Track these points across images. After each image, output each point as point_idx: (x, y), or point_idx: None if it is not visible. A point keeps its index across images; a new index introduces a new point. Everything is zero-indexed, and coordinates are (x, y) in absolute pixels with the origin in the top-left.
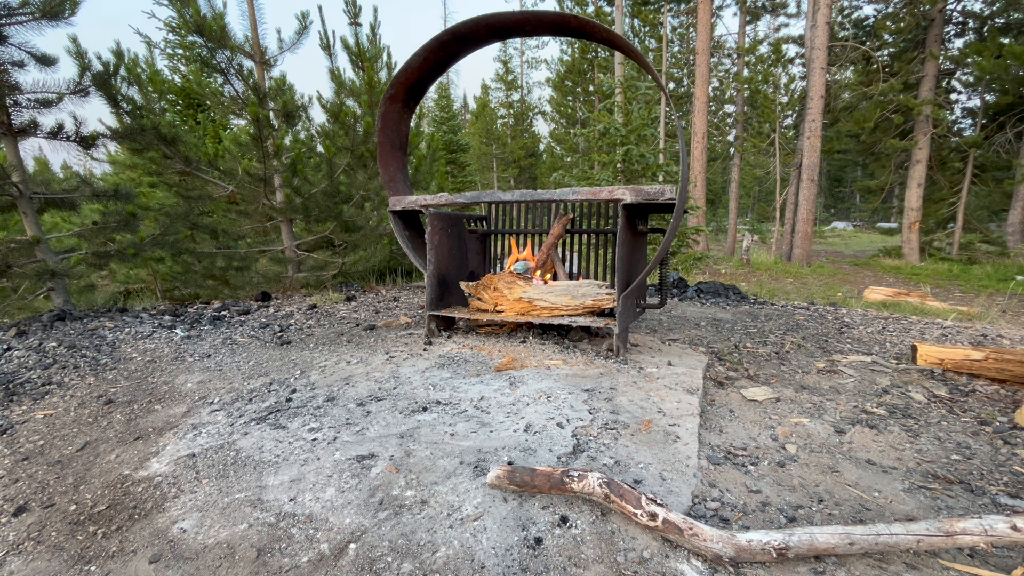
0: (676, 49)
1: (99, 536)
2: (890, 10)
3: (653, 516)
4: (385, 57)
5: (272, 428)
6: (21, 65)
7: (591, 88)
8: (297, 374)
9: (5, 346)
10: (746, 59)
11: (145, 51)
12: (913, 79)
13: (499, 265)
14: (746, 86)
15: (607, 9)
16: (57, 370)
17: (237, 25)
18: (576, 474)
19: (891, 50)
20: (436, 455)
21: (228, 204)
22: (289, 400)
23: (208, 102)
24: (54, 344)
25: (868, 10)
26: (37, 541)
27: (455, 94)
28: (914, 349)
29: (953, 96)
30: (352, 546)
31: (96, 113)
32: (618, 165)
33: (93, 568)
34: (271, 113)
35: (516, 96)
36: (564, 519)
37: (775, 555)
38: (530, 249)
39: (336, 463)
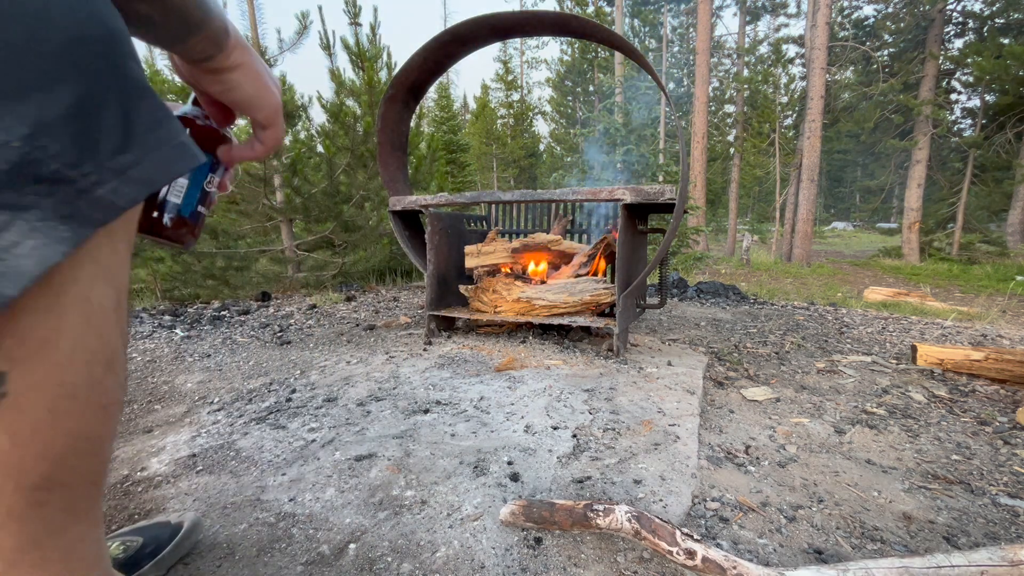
0: (676, 49)
1: None
2: (890, 10)
3: (691, 554)
4: (385, 57)
5: (272, 428)
6: None
7: (591, 88)
8: (297, 374)
9: None
10: (746, 59)
11: (145, 51)
12: (913, 79)
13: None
14: (746, 86)
15: (607, 9)
16: None
17: (237, 25)
18: (601, 508)
19: (891, 50)
20: (436, 455)
21: (228, 204)
22: (289, 400)
23: None
24: None
25: (868, 10)
26: None
27: (455, 94)
28: (914, 349)
29: (953, 96)
30: (352, 546)
31: None
32: (618, 165)
33: None
34: None
35: (516, 96)
36: None
37: None
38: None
39: (336, 463)
